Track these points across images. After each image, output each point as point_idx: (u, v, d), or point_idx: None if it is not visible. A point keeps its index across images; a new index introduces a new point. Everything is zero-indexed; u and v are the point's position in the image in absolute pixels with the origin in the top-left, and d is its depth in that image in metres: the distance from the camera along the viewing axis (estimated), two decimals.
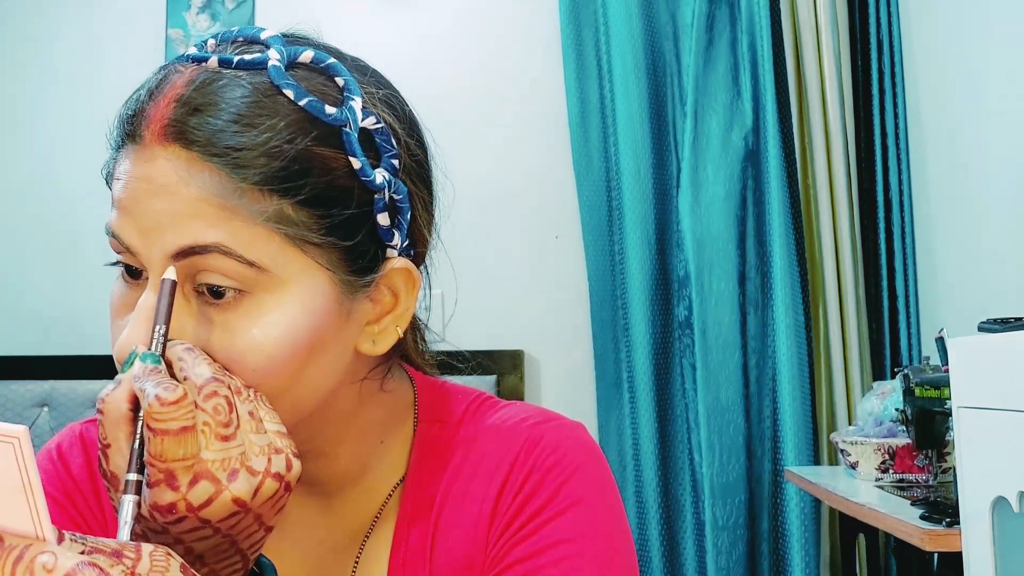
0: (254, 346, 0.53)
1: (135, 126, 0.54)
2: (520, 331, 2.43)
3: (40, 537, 0.39)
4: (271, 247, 0.53)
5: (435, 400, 0.68)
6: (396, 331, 0.60)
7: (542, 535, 0.59)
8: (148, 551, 0.41)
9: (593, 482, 0.62)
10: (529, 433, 0.64)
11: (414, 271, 0.60)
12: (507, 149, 2.45)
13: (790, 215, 2.30)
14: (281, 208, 0.53)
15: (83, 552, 0.40)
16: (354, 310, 0.58)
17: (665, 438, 2.34)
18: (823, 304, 2.33)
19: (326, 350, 0.56)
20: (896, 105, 2.30)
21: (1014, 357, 1.02)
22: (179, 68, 0.56)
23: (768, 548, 2.28)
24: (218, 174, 0.52)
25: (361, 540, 0.64)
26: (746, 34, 2.38)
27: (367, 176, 0.56)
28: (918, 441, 1.56)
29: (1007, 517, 1.05)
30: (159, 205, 0.52)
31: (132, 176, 0.54)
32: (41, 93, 2.71)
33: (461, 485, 0.63)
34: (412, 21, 2.57)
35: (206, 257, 0.52)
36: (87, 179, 2.62)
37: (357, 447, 0.64)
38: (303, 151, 0.53)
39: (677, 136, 2.42)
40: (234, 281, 0.53)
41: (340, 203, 0.55)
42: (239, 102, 0.53)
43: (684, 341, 2.36)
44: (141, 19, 2.68)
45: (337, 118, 0.55)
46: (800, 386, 2.24)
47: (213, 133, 0.52)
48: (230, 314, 0.53)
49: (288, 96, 0.54)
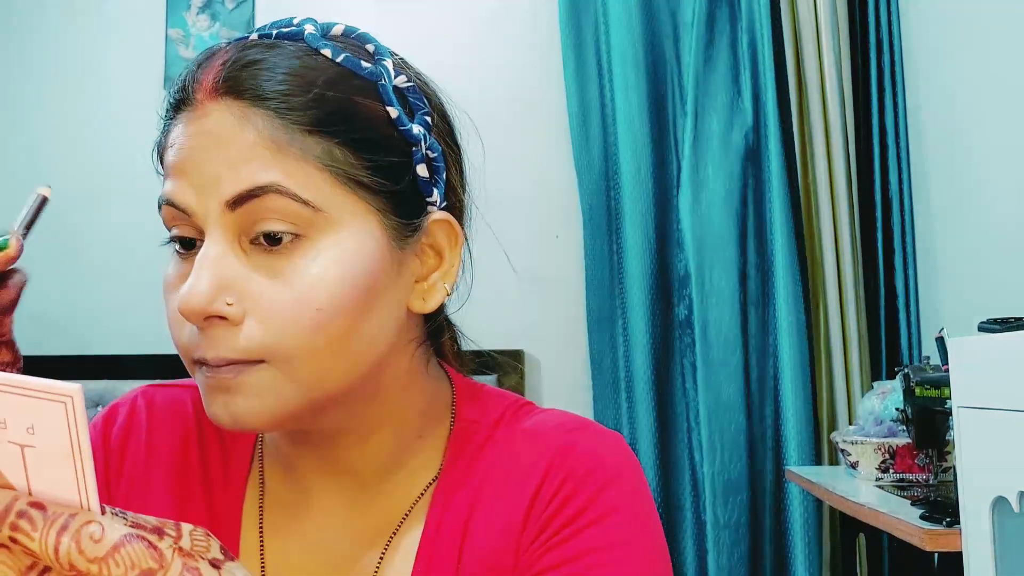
0: (316, 283, 0.54)
1: (187, 93, 0.57)
2: (520, 331, 2.43)
3: (85, 506, 0.37)
4: (323, 186, 0.54)
5: (472, 401, 0.68)
6: (444, 288, 0.61)
7: (576, 543, 0.59)
8: (188, 530, 0.40)
9: (630, 492, 0.62)
10: (565, 439, 0.63)
11: (455, 224, 0.62)
12: (507, 149, 2.45)
13: (790, 214, 2.30)
14: (329, 148, 0.55)
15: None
16: (404, 262, 0.59)
17: (666, 437, 2.34)
18: (823, 303, 2.33)
19: (381, 299, 0.57)
20: (896, 105, 2.30)
21: (1014, 357, 1.02)
22: (222, 45, 0.59)
23: (770, 547, 2.28)
24: (269, 117, 0.54)
25: (388, 536, 0.64)
26: (746, 33, 2.38)
27: (404, 126, 0.58)
28: (918, 441, 1.56)
29: (1007, 517, 1.05)
30: (216, 156, 0.54)
31: (187, 135, 0.55)
32: (41, 93, 2.71)
33: (494, 487, 0.63)
34: (411, 22, 2.57)
35: (263, 199, 0.53)
36: (87, 179, 2.63)
37: (397, 434, 0.64)
38: (345, 99, 0.56)
39: (677, 135, 2.42)
40: (290, 224, 0.54)
41: (383, 148, 0.57)
42: (283, 59, 0.56)
43: (685, 340, 2.36)
44: (141, 19, 2.68)
45: (373, 72, 0.58)
46: (802, 385, 2.24)
47: (262, 82, 0.55)
48: (288, 258, 0.54)
49: (326, 55, 0.57)
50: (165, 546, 0.38)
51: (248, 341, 0.53)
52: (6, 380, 0.36)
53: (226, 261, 0.54)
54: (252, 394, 0.54)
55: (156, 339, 2.60)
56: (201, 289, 0.53)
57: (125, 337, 2.50)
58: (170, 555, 0.37)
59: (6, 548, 0.37)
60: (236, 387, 0.54)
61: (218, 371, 0.54)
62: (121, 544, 0.36)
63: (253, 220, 0.54)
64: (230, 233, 0.54)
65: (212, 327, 0.54)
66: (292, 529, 0.65)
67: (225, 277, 0.53)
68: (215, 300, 0.53)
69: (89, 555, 0.36)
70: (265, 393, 0.54)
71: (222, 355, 0.54)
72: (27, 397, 0.36)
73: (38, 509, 0.37)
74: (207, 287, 0.53)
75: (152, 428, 0.68)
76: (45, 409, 0.36)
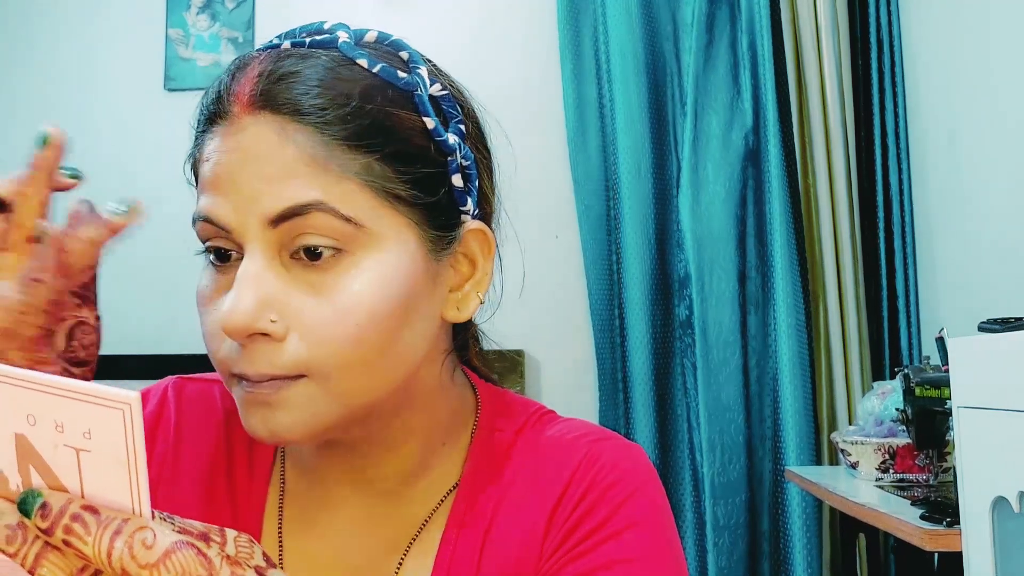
0: (357, 300, 0.54)
1: (222, 105, 0.56)
2: (520, 331, 2.43)
3: (137, 512, 0.38)
4: (363, 202, 0.54)
5: (496, 409, 0.68)
6: (477, 297, 0.61)
7: (598, 554, 0.59)
8: (232, 536, 0.40)
9: (651, 505, 0.62)
10: (588, 449, 0.63)
11: (489, 233, 0.62)
12: (507, 149, 2.45)
13: (790, 214, 2.30)
14: (368, 162, 0.54)
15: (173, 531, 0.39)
16: (439, 273, 0.59)
17: (666, 437, 2.34)
18: (823, 304, 2.33)
19: (418, 312, 0.57)
20: (896, 105, 2.30)
21: (1014, 357, 1.02)
22: (255, 54, 0.58)
23: (769, 548, 2.28)
24: (308, 133, 0.53)
25: (408, 542, 0.64)
26: (746, 33, 2.38)
27: (440, 136, 0.58)
28: (918, 441, 1.56)
29: (1007, 517, 1.05)
30: (255, 171, 0.53)
31: (224, 150, 0.55)
32: (41, 93, 2.71)
33: (515, 496, 0.63)
34: (410, 22, 2.57)
35: (305, 218, 0.53)
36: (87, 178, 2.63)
37: (423, 445, 0.64)
38: (382, 111, 0.55)
39: (677, 136, 2.42)
40: (332, 240, 0.53)
41: (420, 160, 0.57)
42: (319, 71, 0.55)
43: (685, 341, 2.36)
44: (141, 19, 2.68)
45: (409, 82, 0.57)
46: (802, 385, 2.24)
47: (299, 96, 0.54)
48: (329, 274, 0.54)
49: (362, 65, 0.57)
50: (213, 553, 0.38)
51: (291, 357, 0.53)
52: (66, 385, 0.36)
53: (267, 277, 0.54)
54: (291, 408, 0.54)
55: (156, 339, 2.61)
56: (245, 307, 0.52)
57: (125, 337, 2.50)
58: (219, 562, 0.38)
59: (58, 550, 0.37)
60: (276, 402, 0.54)
61: (258, 386, 0.54)
62: (172, 550, 0.37)
63: (294, 235, 0.53)
64: (271, 249, 0.54)
65: (254, 343, 0.54)
66: (311, 529, 0.65)
67: (267, 294, 0.53)
68: (259, 318, 0.53)
69: (141, 561, 0.36)
70: (303, 407, 0.54)
71: (263, 371, 0.53)
72: (86, 403, 0.36)
73: (92, 513, 0.37)
74: (251, 305, 0.52)
75: (181, 419, 0.68)
76: (103, 415, 0.36)
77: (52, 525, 0.37)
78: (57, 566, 0.37)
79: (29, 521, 0.37)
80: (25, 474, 0.38)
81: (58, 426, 0.37)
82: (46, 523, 0.37)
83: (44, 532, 0.37)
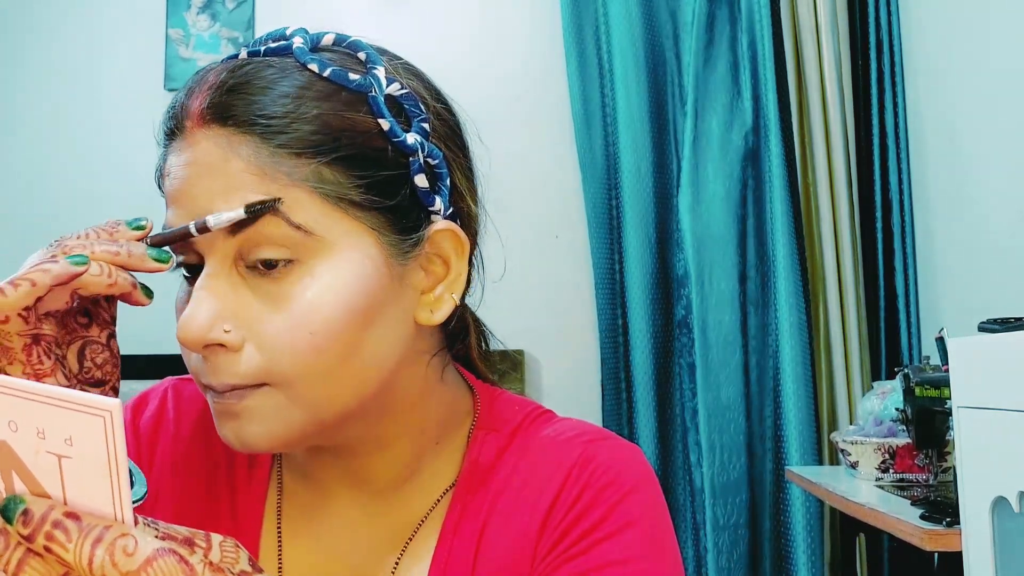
0: (310, 308, 0.54)
1: (177, 120, 0.56)
2: (520, 331, 2.43)
3: (119, 519, 0.38)
4: (314, 209, 0.54)
5: (492, 408, 0.68)
6: (452, 299, 0.60)
7: (594, 554, 0.59)
8: (218, 541, 0.41)
9: (647, 505, 0.62)
10: (584, 449, 0.63)
11: (460, 233, 0.60)
12: (507, 149, 2.45)
13: (790, 214, 2.30)
14: (318, 169, 0.54)
15: (156, 537, 0.39)
16: (406, 276, 0.58)
17: (665, 437, 2.34)
18: (823, 303, 2.33)
19: (383, 316, 0.57)
20: (896, 105, 2.30)
21: (1014, 357, 1.02)
22: (211, 67, 0.58)
23: (770, 548, 2.28)
24: (254, 144, 0.54)
25: (404, 542, 0.64)
26: (746, 33, 2.38)
27: (397, 137, 0.57)
28: (918, 441, 1.56)
29: (1007, 517, 1.05)
30: (207, 184, 0.54)
31: (179, 164, 0.55)
32: (41, 93, 2.71)
33: (511, 495, 0.63)
34: (412, 22, 2.57)
35: (257, 228, 0.53)
36: (87, 178, 2.63)
37: (415, 443, 0.64)
38: (332, 115, 0.55)
39: (677, 135, 2.42)
40: (284, 249, 0.54)
41: (375, 164, 0.56)
42: (268, 79, 0.55)
43: (684, 340, 2.36)
44: (141, 19, 2.67)
45: (362, 84, 0.57)
46: (802, 385, 2.24)
47: (246, 107, 0.54)
48: (284, 283, 0.54)
49: (313, 69, 0.56)
50: (196, 560, 0.38)
51: (248, 367, 0.54)
52: (48, 392, 0.37)
53: (223, 288, 0.54)
54: (258, 419, 0.55)
55: (156, 339, 2.61)
56: (198, 318, 0.53)
57: (125, 337, 2.49)
58: (201, 569, 0.38)
59: (40, 556, 0.37)
60: (242, 412, 0.55)
61: (224, 396, 0.55)
62: (154, 558, 0.37)
63: (250, 246, 0.54)
64: (228, 260, 0.54)
65: (213, 354, 0.54)
66: (309, 532, 0.65)
67: (222, 304, 0.54)
68: (212, 328, 0.53)
69: (122, 568, 0.37)
70: (271, 418, 0.55)
71: (225, 381, 0.54)
72: (67, 409, 0.36)
73: (73, 520, 0.37)
74: (204, 316, 0.53)
75: (181, 422, 0.69)
76: (84, 422, 0.36)
77: (34, 532, 0.37)
78: (39, 572, 0.37)
79: (11, 527, 0.37)
80: (7, 480, 0.39)
81: (40, 432, 0.37)
82: (28, 529, 0.37)
83: (26, 539, 0.37)
